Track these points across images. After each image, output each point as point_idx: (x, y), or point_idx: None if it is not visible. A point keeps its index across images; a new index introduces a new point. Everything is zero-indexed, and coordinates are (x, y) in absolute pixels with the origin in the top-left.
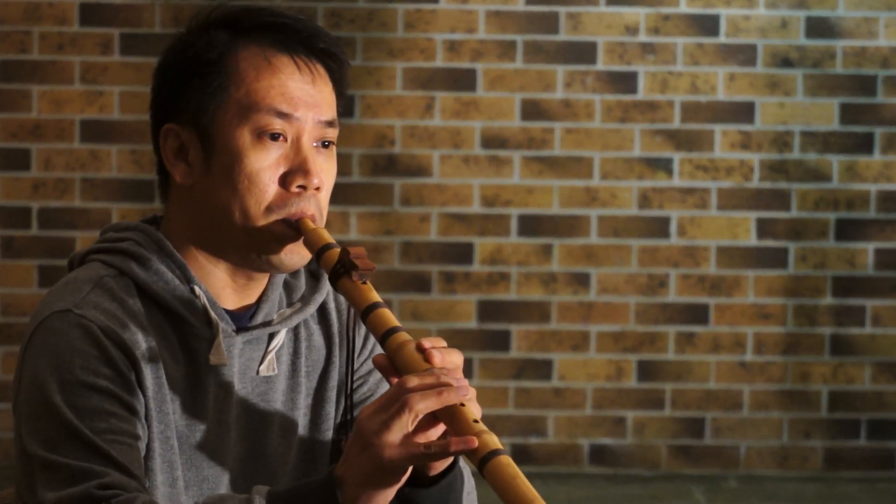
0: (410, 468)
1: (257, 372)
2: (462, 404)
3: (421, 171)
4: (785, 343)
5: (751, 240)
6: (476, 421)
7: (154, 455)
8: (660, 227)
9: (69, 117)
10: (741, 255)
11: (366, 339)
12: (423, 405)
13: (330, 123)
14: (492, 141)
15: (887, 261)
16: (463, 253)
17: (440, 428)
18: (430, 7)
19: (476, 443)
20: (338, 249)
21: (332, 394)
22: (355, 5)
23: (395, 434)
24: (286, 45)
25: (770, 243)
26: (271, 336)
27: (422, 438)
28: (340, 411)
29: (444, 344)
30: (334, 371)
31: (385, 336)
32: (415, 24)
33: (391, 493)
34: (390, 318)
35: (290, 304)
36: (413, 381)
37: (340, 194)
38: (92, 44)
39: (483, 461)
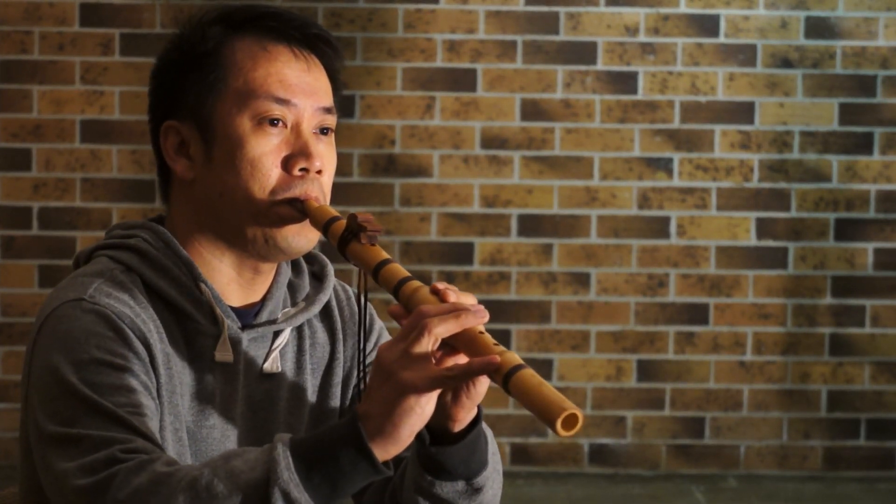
0: (435, 399)
1: (261, 369)
2: (481, 332)
3: (421, 171)
4: (784, 343)
5: (750, 240)
6: (496, 344)
7: (167, 446)
8: (660, 227)
9: (69, 117)
10: (741, 255)
11: (370, 331)
12: (443, 328)
13: (328, 110)
14: (492, 141)
15: (887, 261)
16: (463, 253)
17: (461, 359)
18: (430, 7)
19: (498, 360)
20: (344, 220)
21: (336, 390)
22: (355, 5)
23: (417, 359)
24: (281, 34)
25: (770, 243)
26: (276, 334)
27: None
28: (346, 407)
29: (457, 289)
30: (338, 367)
31: (398, 286)
32: (415, 24)
33: (416, 425)
34: (401, 270)
35: (294, 304)
36: (430, 307)
37: (340, 194)
38: (92, 44)
39: (507, 377)
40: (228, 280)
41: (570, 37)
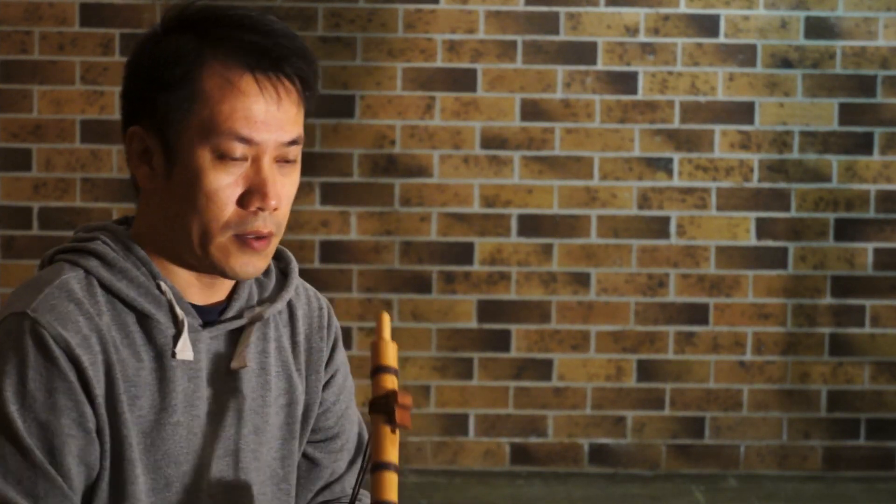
0: None
1: (227, 368)
2: None
3: (421, 171)
4: (784, 343)
5: (750, 240)
6: None
7: (106, 455)
8: (659, 227)
9: (70, 117)
10: (741, 255)
11: (333, 347)
12: None
13: (293, 142)
14: (492, 141)
15: (887, 261)
16: (463, 253)
17: None
18: (430, 7)
19: None
20: (394, 379)
21: (300, 395)
22: (355, 5)
23: None
24: (252, 66)
25: (769, 243)
26: (240, 331)
27: None
28: (312, 415)
29: None
30: (300, 375)
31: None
32: (415, 24)
33: None
34: (393, 487)
35: (259, 301)
36: None
37: (340, 194)
38: (92, 44)
39: None
40: (188, 283)
41: (570, 37)
